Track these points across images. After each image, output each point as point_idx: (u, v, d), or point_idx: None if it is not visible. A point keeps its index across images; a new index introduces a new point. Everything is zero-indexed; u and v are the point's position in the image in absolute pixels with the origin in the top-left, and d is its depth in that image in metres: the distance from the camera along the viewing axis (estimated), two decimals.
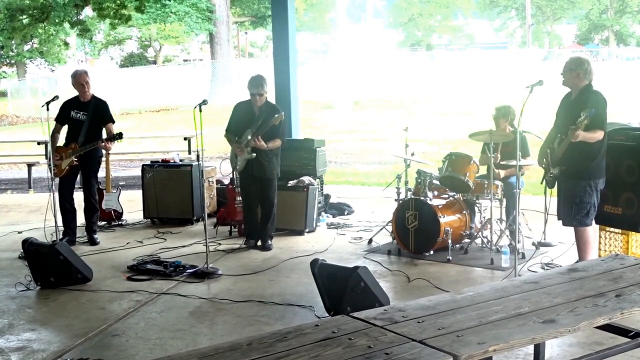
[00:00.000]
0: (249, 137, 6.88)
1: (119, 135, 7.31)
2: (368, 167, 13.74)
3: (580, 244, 5.70)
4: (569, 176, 5.64)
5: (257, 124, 6.88)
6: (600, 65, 29.25)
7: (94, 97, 7.48)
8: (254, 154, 6.91)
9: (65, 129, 7.51)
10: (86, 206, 7.54)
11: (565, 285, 3.54)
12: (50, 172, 7.17)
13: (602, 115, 5.50)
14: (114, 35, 39.84)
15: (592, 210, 5.62)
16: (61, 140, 7.51)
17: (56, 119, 7.48)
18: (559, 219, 5.86)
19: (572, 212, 5.64)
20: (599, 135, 5.47)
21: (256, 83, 6.96)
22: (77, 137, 7.32)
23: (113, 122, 7.50)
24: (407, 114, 22.14)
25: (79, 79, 7.40)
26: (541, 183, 6.07)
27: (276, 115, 6.75)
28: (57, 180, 7.33)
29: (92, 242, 7.49)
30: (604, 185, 5.67)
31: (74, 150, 7.28)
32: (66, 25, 23.44)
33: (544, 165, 5.87)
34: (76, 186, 7.60)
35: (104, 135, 7.44)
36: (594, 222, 5.77)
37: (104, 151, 7.47)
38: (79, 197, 7.59)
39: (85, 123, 7.33)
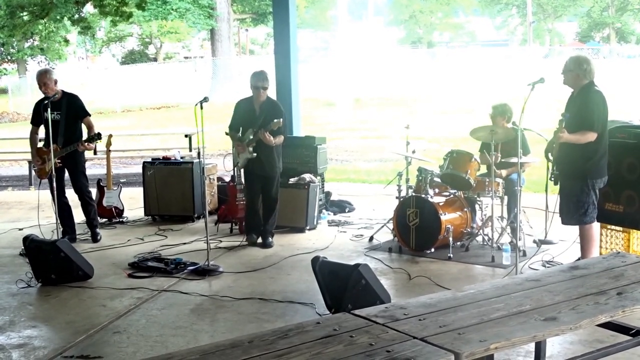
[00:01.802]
0: (251, 137, 6.88)
1: (97, 136, 7.15)
2: (369, 164, 13.74)
3: (584, 242, 5.70)
4: (566, 175, 5.66)
5: (258, 122, 6.88)
6: (601, 63, 29.21)
7: (64, 94, 7.33)
8: (255, 154, 6.91)
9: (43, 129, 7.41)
10: (82, 204, 7.50)
11: (567, 283, 3.54)
12: (43, 175, 7.10)
13: (593, 116, 5.47)
14: (115, 32, 39.83)
15: (591, 209, 5.62)
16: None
17: (31, 121, 7.35)
18: (560, 216, 5.87)
19: (570, 211, 5.65)
20: (589, 136, 5.46)
21: (259, 77, 6.98)
22: (56, 137, 7.12)
23: (89, 115, 7.38)
24: (408, 111, 22.14)
25: (37, 80, 7.24)
26: (549, 179, 6.05)
27: (275, 121, 6.75)
28: (45, 180, 7.26)
29: (94, 237, 7.47)
30: (606, 183, 5.67)
31: (55, 152, 7.14)
32: (67, 22, 23.44)
33: (549, 159, 5.87)
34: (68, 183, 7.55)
35: (85, 130, 7.34)
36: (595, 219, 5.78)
37: (97, 148, 7.40)
38: (72, 194, 7.55)
39: (61, 122, 7.18)
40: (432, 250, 6.67)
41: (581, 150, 5.51)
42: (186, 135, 12.27)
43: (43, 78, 7.22)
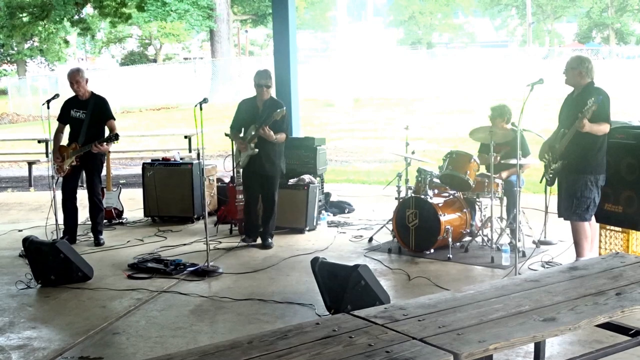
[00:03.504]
0: (253, 133, 6.88)
1: (115, 137, 7.18)
2: (368, 165, 13.74)
3: (577, 239, 5.72)
4: (571, 170, 5.67)
5: (261, 120, 6.88)
6: (600, 64, 29.22)
7: (93, 94, 7.40)
8: (257, 150, 6.91)
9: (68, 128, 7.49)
10: (90, 206, 7.49)
11: (566, 283, 3.54)
12: (60, 172, 7.16)
13: (607, 110, 5.52)
14: (114, 33, 39.87)
15: (592, 206, 5.65)
16: (65, 140, 7.48)
17: (58, 119, 7.45)
18: (559, 216, 5.88)
19: (572, 207, 5.66)
20: (605, 128, 5.51)
21: (263, 75, 7.01)
22: (77, 136, 7.26)
23: (113, 119, 7.44)
24: (407, 112, 22.15)
25: (69, 78, 7.32)
26: (540, 182, 6.09)
27: (278, 111, 6.76)
28: (60, 179, 7.31)
29: (98, 242, 7.44)
30: (605, 182, 5.69)
31: (74, 150, 7.23)
32: (66, 23, 23.46)
33: (544, 161, 5.89)
34: (80, 184, 7.58)
35: (107, 133, 7.40)
36: (593, 218, 5.79)
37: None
38: (82, 195, 7.57)
39: (84, 122, 7.26)
40: (432, 251, 6.67)
41: (587, 144, 5.54)
42: (186, 137, 12.28)
43: (75, 76, 7.29)
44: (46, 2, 20.47)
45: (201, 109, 6.08)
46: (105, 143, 7.21)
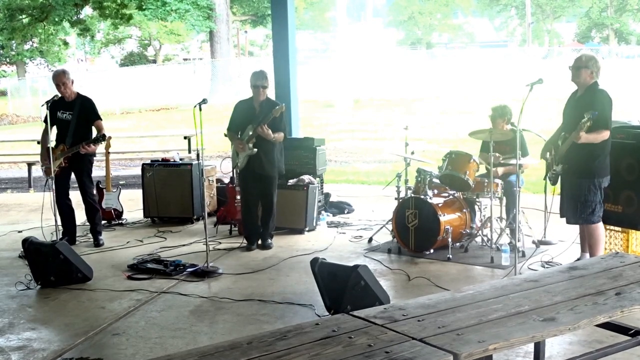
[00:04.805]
0: (250, 133, 6.87)
1: (102, 137, 7.18)
2: (368, 165, 13.74)
3: (592, 241, 5.70)
4: (573, 174, 5.66)
5: (258, 120, 6.87)
6: (600, 64, 29.17)
7: (78, 95, 7.37)
8: (255, 150, 6.90)
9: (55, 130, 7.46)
10: (86, 208, 7.48)
11: (566, 283, 3.54)
12: (45, 173, 7.15)
13: (606, 115, 5.50)
14: (113, 34, 39.86)
15: (598, 208, 5.63)
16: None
17: (44, 120, 7.41)
18: (561, 217, 5.87)
19: (577, 211, 5.66)
20: (604, 135, 5.49)
21: (259, 76, 7.00)
22: (65, 137, 7.23)
23: (100, 119, 7.41)
24: (407, 112, 22.15)
25: (56, 80, 7.30)
26: (544, 179, 6.08)
27: (277, 107, 6.76)
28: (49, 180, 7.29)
29: (97, 243, 7.43)
30: (608, 183, 5.68)
31: (62, 152, 7.20)
32: (66, 24, 23.48)
33: (547, 159, 5.88)
34: (73, 185, 7.56)
35: (95, 134, 7.37)
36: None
37: (97, 150, 7.44)
38: (76, 195, 7.56)
39: (71, 123, 7.23)
40: (431, 251, 6.67)
41: (589, 148, 5.52)
42: (185, 137, 12.27)
43: (62, 78, 7.29)
44: (45, 3, 20.49)
45: (200, 109, 6.08)
46: (93, 144, 7.20)
